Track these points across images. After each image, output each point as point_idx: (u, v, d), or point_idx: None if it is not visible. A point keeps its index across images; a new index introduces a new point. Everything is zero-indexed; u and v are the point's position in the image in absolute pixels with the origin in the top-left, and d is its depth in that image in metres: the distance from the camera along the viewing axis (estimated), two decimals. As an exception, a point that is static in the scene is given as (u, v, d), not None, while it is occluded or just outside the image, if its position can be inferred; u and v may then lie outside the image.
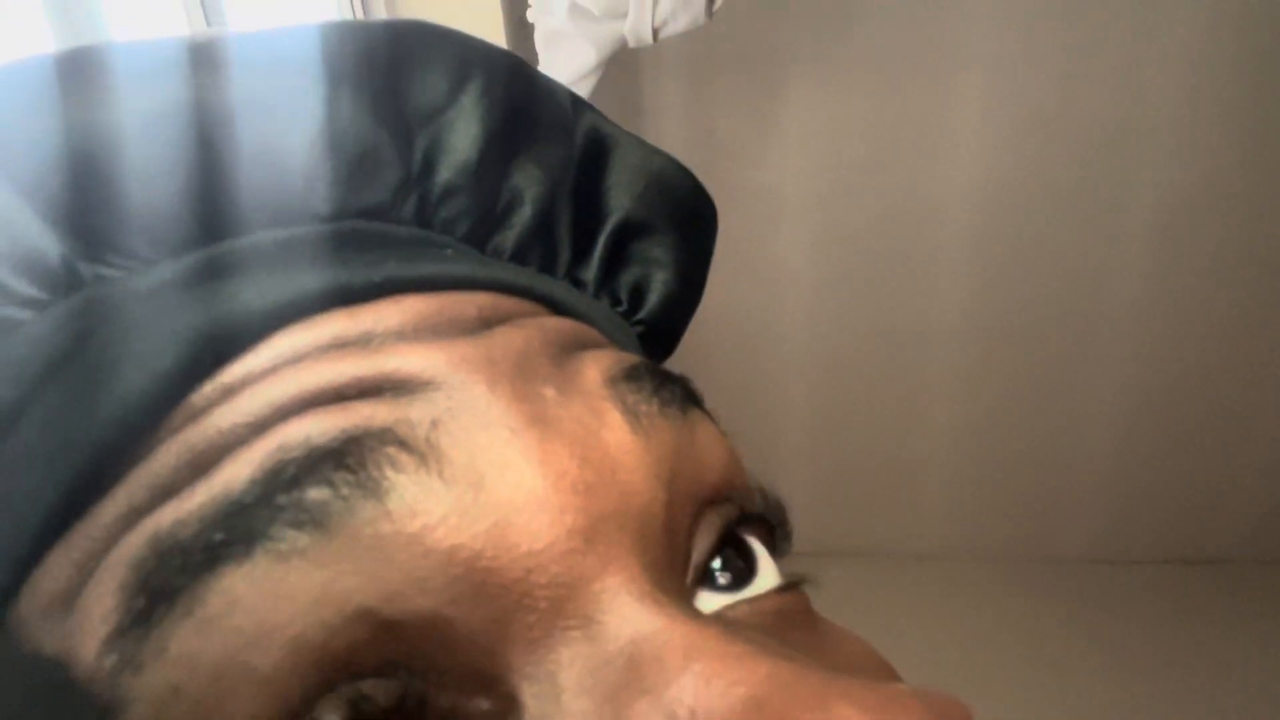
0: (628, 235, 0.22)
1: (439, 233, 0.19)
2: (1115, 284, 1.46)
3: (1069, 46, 1.28)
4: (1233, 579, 1.62)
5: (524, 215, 0.20)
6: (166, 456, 0.13)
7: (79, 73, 0.16)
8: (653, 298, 0.22)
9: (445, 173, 0.19)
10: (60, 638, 0.12)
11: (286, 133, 0.17)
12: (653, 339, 0.23)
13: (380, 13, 0.89)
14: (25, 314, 0.15)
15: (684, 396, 0.17)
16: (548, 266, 0.21)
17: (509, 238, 0.20)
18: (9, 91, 0.16)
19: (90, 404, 0.14)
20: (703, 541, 0.16)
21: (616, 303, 0.22)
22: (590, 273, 0.22)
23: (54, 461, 0.13)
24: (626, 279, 0.22)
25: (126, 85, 0.16)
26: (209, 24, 0.63)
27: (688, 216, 0.23)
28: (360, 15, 0.87)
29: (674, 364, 0.20)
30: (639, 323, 0.23)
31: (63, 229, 0.16)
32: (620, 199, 0.22)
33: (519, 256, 0.20)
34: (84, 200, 0.16)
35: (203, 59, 0.17)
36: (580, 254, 0.22)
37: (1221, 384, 1.53)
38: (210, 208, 0.17)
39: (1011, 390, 1.59)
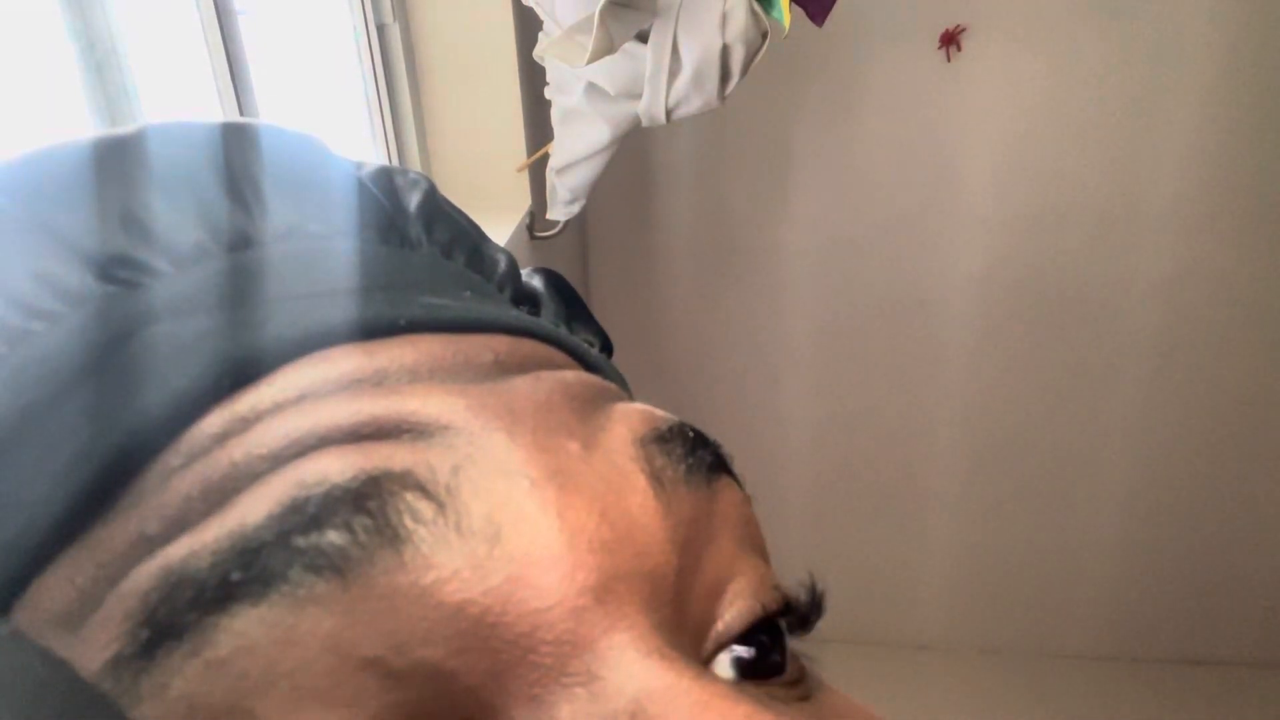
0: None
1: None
2: (1119, 379, 1.47)
3: (1069, 137, 1.31)
4: (1235, 681, 1.57)
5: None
6: (180, 486, 0.13)
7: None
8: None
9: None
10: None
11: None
12: None
13: (392, 28, 0.92)
14: (40, 325, 0.15)
15: (711, 464, 0.16)
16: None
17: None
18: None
19: (107, 418, 0.14)
20: (731, 617, 0.15)
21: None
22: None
23: (64, 473, 0.13)
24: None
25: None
26: (219, 15, 0.64)
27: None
28: (368, 15, 0.91)
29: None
30: None
31: (81, 242, 0.16)
32: None
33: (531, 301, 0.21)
34: (102, 213, 0.16)
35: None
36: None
37: (1228, 482, 1.52)
38: (231, 221, 0.17)
39: (1016, 485, 1.58)
